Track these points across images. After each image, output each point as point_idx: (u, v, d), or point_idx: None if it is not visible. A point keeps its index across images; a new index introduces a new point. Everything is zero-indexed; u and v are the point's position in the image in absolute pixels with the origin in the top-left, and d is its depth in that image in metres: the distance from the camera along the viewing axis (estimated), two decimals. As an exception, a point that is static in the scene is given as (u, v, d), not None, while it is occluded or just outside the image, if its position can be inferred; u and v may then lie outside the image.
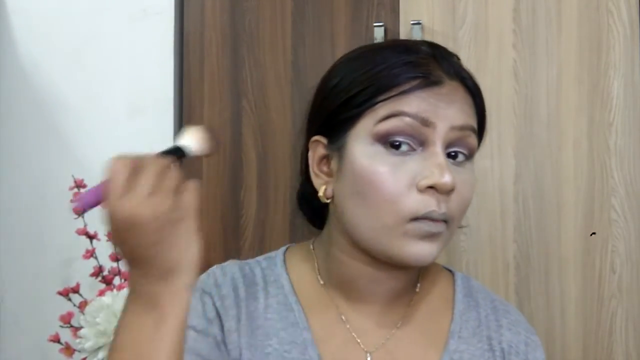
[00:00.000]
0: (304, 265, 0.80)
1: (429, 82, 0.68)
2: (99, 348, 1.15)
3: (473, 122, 0.71)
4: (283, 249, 0.84)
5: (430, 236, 0.67)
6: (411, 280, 0.78)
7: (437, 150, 0.67)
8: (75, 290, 1.31)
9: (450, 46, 1.31)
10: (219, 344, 0.74)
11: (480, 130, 0.75)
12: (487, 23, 1.32)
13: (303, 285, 0.78)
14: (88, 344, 1.15)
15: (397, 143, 0.67)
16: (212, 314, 0.75)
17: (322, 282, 0.78)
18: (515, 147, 1.29)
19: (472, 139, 0.71)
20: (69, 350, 1.28)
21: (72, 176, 1.36)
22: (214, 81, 1.47)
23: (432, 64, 0.70)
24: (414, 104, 0.67)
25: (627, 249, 1.23)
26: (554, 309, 1.25)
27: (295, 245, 0.85)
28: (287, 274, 0.79)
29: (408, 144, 0.67)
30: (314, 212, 0.82)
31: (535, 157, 1.28)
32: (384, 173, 0.66)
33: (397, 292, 0.77)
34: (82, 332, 1.18)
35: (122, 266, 1.34)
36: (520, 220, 1.28)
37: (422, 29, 1.33)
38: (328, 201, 0.74)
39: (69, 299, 1.31)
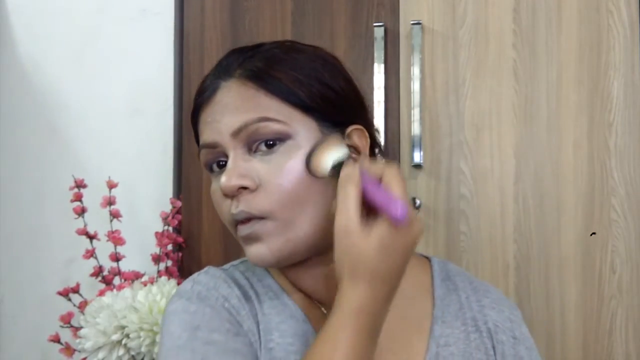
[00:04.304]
0: None
1: (205, 98, 0.73)
2: (99, 348, 1.15)
3: (254, 113, 0.69)
4: None
5: (251, 238, 0.71)
6: None
7: (230, 158, 0.70)
8: (75, 290, 1.32)
9: (450, 46, 1.34)
10: (252, 344, 0.71)
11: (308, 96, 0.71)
12: (487, 23, 1.32)
13: (287, 283, 0.78)
14: (88, 344, 1.15)
15: (211, 168, 0.74)
16: (228, 315, 0.72)
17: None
18: (515, 147, 1.29)
19: (264, 127, 0.69)
20: (69, 350, 1.28)
21: (72, 176, 1.36)
22: (214, 81, 1.47)
23: (211, 76, 0.74)
24: (204, 133, 0.73)
25: (627, 249, 1.23)
26: (554, 309, 1.25)
27: None
28: (269, 272, 0.79)
29: (218, 164, 0.73)
30: None
31: (535, 157, 1.28)
32: (213, 190, 0.75)
33: None
34: (82, 332, 1.18)
35: (122, 266, 1.34)
36: (520, 221, 1.28)
37: (422, 29, 1.33)
38: None
39: (69, 299, 1.31)
